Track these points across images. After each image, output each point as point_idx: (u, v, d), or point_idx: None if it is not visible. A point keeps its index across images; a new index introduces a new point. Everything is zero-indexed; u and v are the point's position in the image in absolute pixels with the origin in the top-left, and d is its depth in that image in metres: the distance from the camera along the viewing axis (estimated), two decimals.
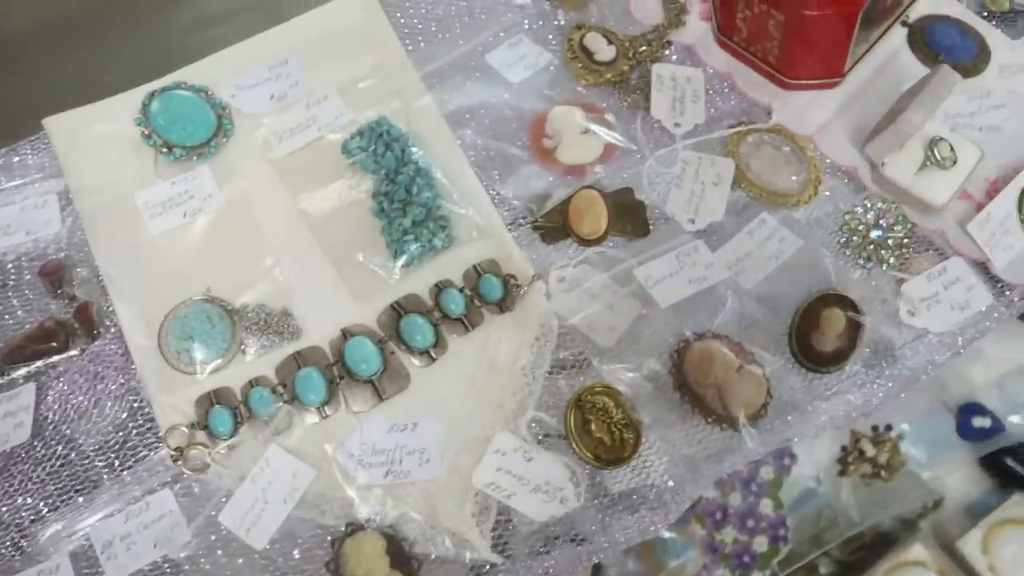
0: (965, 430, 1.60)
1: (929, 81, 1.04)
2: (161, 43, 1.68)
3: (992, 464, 1.74)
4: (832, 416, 1.03)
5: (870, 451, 1.53)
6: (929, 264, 1.06)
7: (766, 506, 1.51)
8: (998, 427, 1.60)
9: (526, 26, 1.21)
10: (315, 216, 1.08)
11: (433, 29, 1.20)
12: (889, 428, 1.58)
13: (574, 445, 0.97)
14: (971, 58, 1.18)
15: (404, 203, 1.06)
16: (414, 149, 1.09)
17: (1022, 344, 1.62)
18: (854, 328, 1.03)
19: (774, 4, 1.07)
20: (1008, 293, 1.07)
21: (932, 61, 1.18)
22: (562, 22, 1.21)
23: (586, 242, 1.07)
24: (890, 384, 1.04)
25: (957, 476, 1.71)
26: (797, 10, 1.05)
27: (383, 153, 1.08)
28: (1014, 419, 1.62)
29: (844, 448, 1.56)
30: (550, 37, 1.20)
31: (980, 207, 1.08)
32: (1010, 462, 1.75)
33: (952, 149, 1.08)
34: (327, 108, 1.13)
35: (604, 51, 1.15)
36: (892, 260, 1.06)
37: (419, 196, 1.06)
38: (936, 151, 1.07)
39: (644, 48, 1.17)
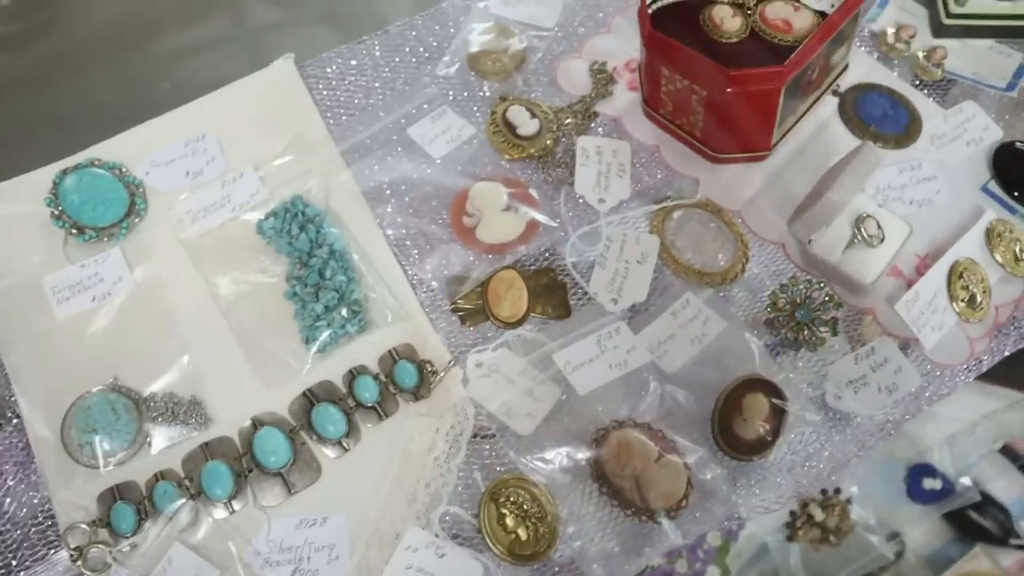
0: (916, 492, 1.58)
1: (852, 159, 1.02)
2: (141, 74, 1.66)
3: (954, 515, 1.71)
4: (763, 499, 1.00)
5: (819, 515, 1.50)
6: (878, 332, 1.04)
7: (713, 573, 1.47)
8: (949, 489, 1.58)
9: (450, 98, 1.18)
10: (227, 300, 1.05)
11: (356, 101, 1.18)
12: (838, 491, 1.55)
13: (488, 541, 0.94)
14: (902, 128, 1.16)
15: (317, 287, 1.03)
16: (331, 230, 1.07)
17: (972, 402, 1.59)
18: (778, 414, 1.00)
19: (695, 80, 1.05)
20: (939, 374, 1.04)
21: (863, 131, 1.15)
22: (487, 93, 1.18)
23: (506, 324, 1.04)
24: (820, 465, 1.02)
25: (917, 527, 1.68)
26: (718, 87, 1.03)
27: (297, 235, 1.05)
28: (965, 481, 1.59)
29: (792, 513, 1.53)
30: (475, 109, 1.18)
31: (910, 284, 1.06)
32: (973, 514, 1.73)
33: (879, 227, 1.06)
34: (242, 186, 1.10)
35: (527, 125, 1.13)
36: (817, 341, 1.04)
37: (333, 280, 1.03)
38: (863, 229, 1.05)
39: (569, 120, 1.15)
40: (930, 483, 1.56)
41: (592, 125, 1.16)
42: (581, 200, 1.11)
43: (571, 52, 1.22)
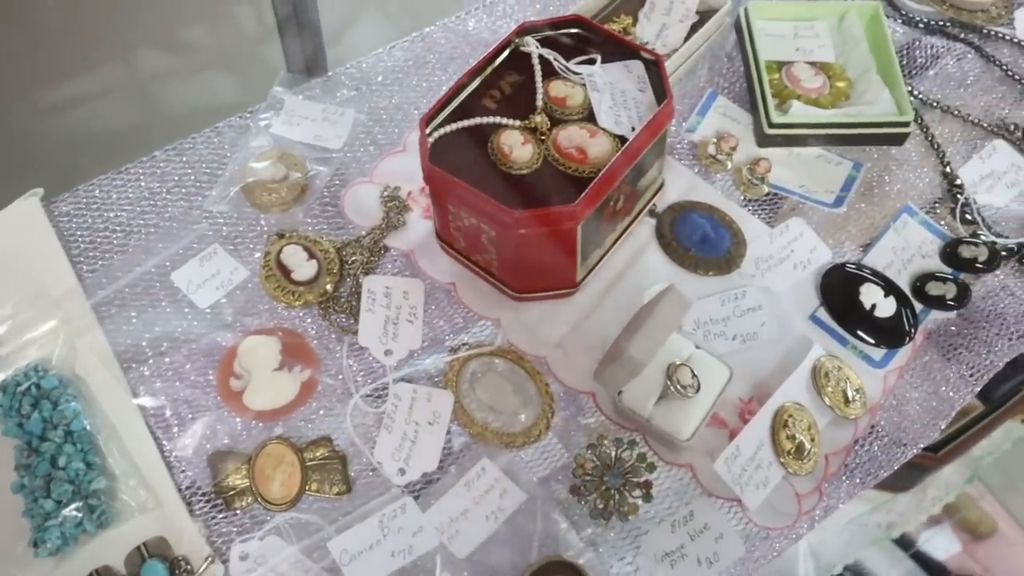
0: None
1: (657, 307, 0.91)
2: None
3: None
4: None
5: None
6: None
7: None
8: None
9: (223, 234, 1.04)
10: None
11: (115, 242, 1.04)
12: None
13: None
14: (724, 252, 1.06)
15: (48, 479, 0.88)
16: (70, 405, 0.92)
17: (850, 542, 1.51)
18: None
19: (482, 220, 0.93)
20: (765, 536, 0.93)
21: (682, 257, 1.05)
22: (265, 227, 1.05)
23: (274, 506, 0.91)
24: None
25: None
26: (506, 228, 0.91)
27: (29, 413, 0.91)
28: None
29: None
30: (252, 247, 1.04)
31: (733, 434, 0.95)
32: None
33: (694, 375, 0.95)
34: None
35: (303, 268, 1.00)
36: (629, 509, 0.92)
37: (68, 469, 0.89)
38: (676, 380, 0.93)
39: (356, 257, 1.02)
40: None
41: (382, 261, 1.03)
42: (367, 352, 0.98)
43: (361, 176, 1.09)
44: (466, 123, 0.97)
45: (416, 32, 1.19)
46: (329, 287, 1.00)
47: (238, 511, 0.92)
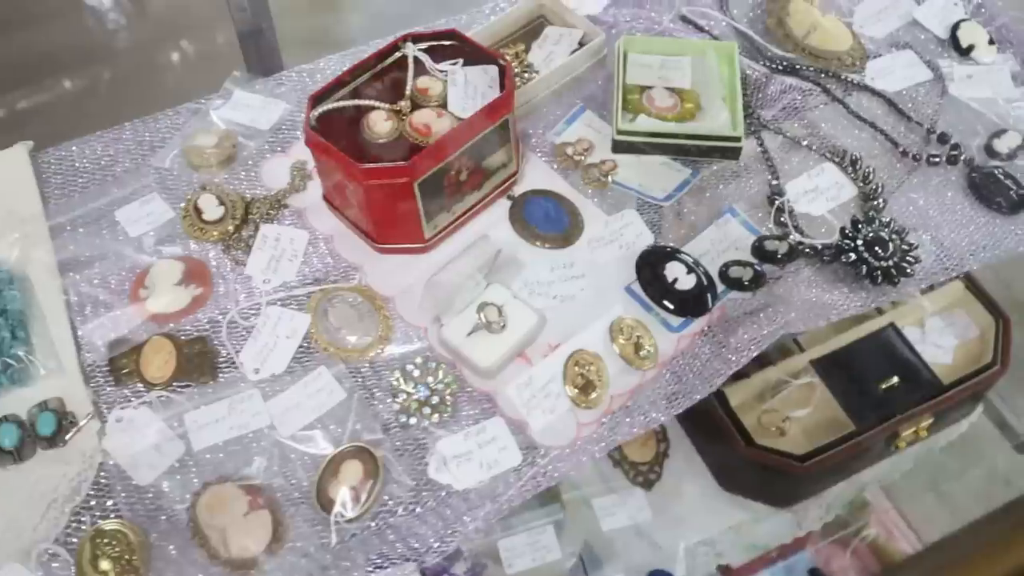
0: None
1: (467, 250, 1.12)
2: None
3: None
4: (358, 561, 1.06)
5: None
6: None
7: None
8: None
9: (165, 186, 1.31)
10: None
11: (79, 184, 1.31)
12: None
13: None
14: (562, 230, 1.26)
15: None
16: (13, 293, 1.18)
17: (723, 512, 1.63)
18: (373, 478, 1.07)
19: (343, 175, 1.16)
20: (542, 457, 1.11)
21: (525, 231, 1.26)
22: (196, 183, 1.31)
23: (152, 385, 1.14)
24: (420, 534, 1.08)
25: None
26: (357, 181, 1.14)
27: None
28: None
29: None
30: (183, 196, 1.30)
31: None
32: None
33: (501, 313, 1.14)
34: None
35: (212, 210, 1.25)
36: (432, 416, 1.12)
37: None
38: (483, 315, 1.14)
39: (259, 209, 1.27)
40: None
41: (280, 215, 1.28)
42: (251, 280, 1.22)
43: (280, 152, 1.35)
44: (345, 104, 1.22)
45: (348, 50, 1.46)
46: (231, 228, 1.25)
47: (122, 387, 1.15)
